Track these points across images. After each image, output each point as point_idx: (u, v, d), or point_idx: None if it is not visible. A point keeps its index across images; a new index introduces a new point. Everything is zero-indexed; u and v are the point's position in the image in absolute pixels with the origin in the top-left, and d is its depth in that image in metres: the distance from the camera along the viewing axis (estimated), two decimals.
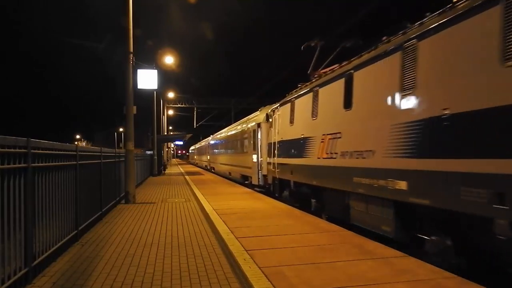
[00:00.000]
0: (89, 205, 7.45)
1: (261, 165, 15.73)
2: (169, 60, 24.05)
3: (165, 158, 37.74)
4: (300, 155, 10.36)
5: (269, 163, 14.18)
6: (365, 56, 7.37)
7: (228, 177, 24.50)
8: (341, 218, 8.18)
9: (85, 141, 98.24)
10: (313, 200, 10.14)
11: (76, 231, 6.36)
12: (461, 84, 4.84)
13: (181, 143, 63.33)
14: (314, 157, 9.35)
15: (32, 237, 4.43)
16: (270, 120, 14.44)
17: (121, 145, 64.48)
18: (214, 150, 34.88)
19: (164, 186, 17.93)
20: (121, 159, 11.64)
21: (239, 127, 22.71)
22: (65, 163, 5.82)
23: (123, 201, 11.71)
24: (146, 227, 7.72)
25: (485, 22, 4.52)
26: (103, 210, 8.84)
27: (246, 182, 18.79)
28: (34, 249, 4.51)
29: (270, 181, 14.38)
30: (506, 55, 4.20)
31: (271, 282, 4.15)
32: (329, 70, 9.55)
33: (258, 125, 16.26)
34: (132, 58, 12.09)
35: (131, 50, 12.00)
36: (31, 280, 4.37)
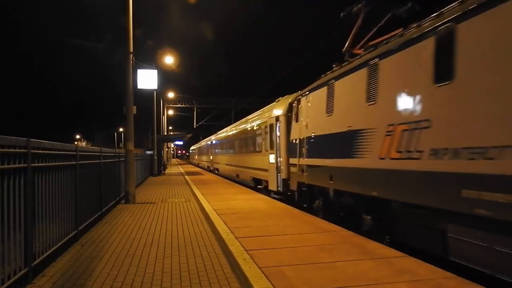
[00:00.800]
0: (89, 205, 7.45)
1: (280, 167, 13.13)
2: (169, 60, 24.17)
3: (165, 158, 37.76)
4: (346, 154, 7.92)
5: (292, 165, 11.67)
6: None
7: (234, 179, 22.14)
8: (428, 249, 5.70)
9: (85, 141, 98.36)
10: (366, 217, 7.44)
11: (76, 231, 6.36)
12: None
13: (181, 143, 63.41)
14: (372, 157, 6.93)
15: (32, 237, 4.43)
16: (294, 112, 11.83)
17: (121, 145, 64.54)
18: (219, 150, 31.80)
19: (164, 186, 17.94)
20: (121, 159, 11.65)
21: (250, 122, 19.49)
22: (65, 163, 5.82)
23: (123, 201, 11.72)
24: (146, 227, 7.72)
25: None
26: (103, 210, 8.84)
27: (259, 186, 16.29)
28: (34, 249, 4.51)
29: (294, 187, 11.59)
30: None
31: (271, 282, 4.14)
32: (395, 35, 6.88)
33: (277, 118, 13.62)
34: (132, 58, 12.10)
35: (131, 50, 12.02)
36: (31, 280, 4.37)
